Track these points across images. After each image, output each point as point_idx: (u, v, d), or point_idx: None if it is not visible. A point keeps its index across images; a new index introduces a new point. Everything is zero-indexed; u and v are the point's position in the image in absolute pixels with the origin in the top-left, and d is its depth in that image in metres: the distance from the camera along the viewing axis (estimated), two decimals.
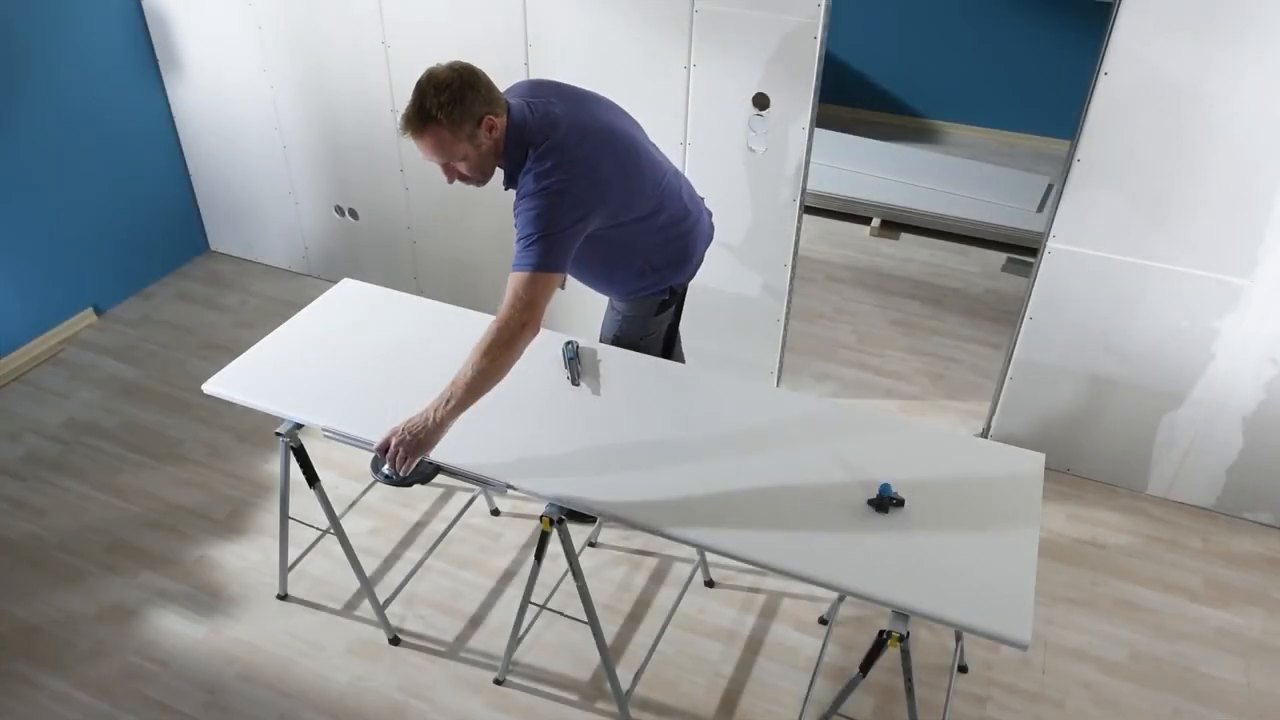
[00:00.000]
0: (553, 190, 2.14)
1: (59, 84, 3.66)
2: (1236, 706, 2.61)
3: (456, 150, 2.15)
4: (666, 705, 2.60)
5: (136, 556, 2.99)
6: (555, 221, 2.13)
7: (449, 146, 2.13)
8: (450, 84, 2.08)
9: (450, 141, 2.12)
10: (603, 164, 2.23)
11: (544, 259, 2.12)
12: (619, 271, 2.52)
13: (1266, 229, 2.70)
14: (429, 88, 2.08)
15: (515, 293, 2.11)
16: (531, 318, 2.10)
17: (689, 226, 2.56)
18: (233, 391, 2.40)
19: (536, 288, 2.11)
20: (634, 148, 2.35)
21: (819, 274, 4.46)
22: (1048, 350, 3.15)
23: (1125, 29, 2.59)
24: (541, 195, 2.14)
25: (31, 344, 3.80)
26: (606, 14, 3.09)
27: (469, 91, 2.10)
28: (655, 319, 2.64)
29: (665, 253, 2.53)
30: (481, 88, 2.13)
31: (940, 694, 2.60)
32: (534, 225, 2.13)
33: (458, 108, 2.09)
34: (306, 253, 4.29)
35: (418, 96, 2.09)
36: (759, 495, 2.10)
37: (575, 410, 2.34)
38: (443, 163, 2.19)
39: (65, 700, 2.59)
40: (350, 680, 2.65)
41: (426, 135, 2.11)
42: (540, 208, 2.14)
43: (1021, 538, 2.00)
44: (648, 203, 2.39)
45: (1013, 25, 5.24)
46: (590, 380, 2.44)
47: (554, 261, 2.13)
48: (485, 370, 2.08)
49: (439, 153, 2.15)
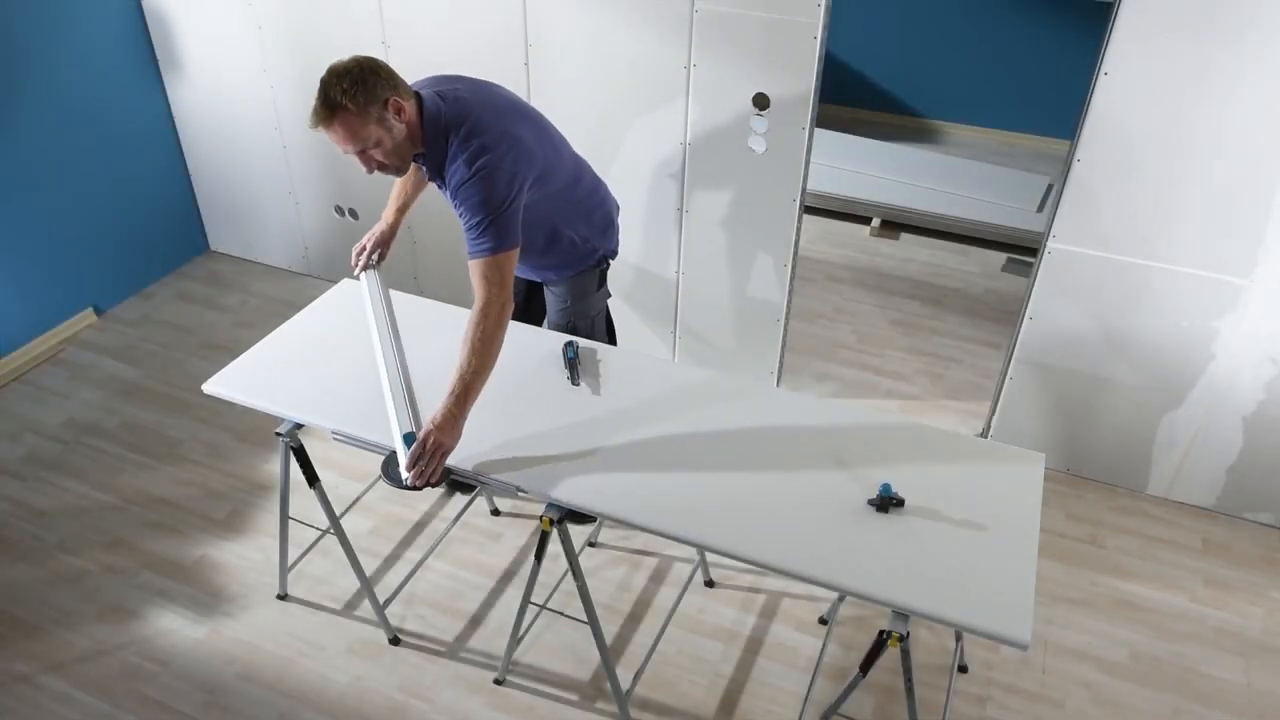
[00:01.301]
0: (486, 170, 2.20)
1: (59, 84, 3.66)
2: (1236, 706, 2.61)
3: (368, 135, 2.17)
4: (666, 705, 2.60)
5: (136, 556, 3.00)
6: (498, 200, 2.21)
7: (360, 132, 2.16)
8: (351, 70, 2.13)
9: (360, 126, 2.15)
10: (523, 134, 2.31)
11: (499, 239, 2.22)
12: (555, 245, 2.60)
13: (1266, 229, 2.70)
14: (331, 78, 2.13)
15: (485, 278, 2.21)
16: (507, 295, 2.23)
17: (604, 195, 2.71)
18: (233, 391, 2.40)
19: (502, 267, 2.23)
20: (544, 121, 2.48)
21: (819, 274, 4.46)
22: (1048, 350, 3.15)
23: (1125, 29, 2.59)
24: (477, 178, 2.20)
25: (31, 344, 3.80)
26: (606, 14, 3.09)
27: (370, 75, 2.14)
28: (597, 295, 2.77)
29: (591, 222, 2.65)
30: (383, 72, 2.18)
31: (940, 694, 2.60)
32: (480, 210, 2.21)
33: (361, 91, 2.12)
34: (306, 253, 4.29)
35: (322, 88, 2.13)
36: (759, 495, 2.10)
37: (575, 410, 2.34)
38: (357, 151, 2.21)
39: (65, 700, 2.59)
40: (350, 680, 2.65)
41: (336, 123, 2.14)
42: (481, 191, 2.20)
43: (1021, 538, 2.00)
44: (567, 172, 2.51)
45: (1013, 25, 5.24)
46: (590, 380, 2.44)
47: (508, 239, 2.23)
48: (485, 355, 2.19)
49: (351, 140, 2.18)
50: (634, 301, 3.64)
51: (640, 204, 3.40)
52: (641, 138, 3.26)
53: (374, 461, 3.20)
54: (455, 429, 2.16)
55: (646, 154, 3.29)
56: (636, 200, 3.40)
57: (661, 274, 3.52)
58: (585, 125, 3.30)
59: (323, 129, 2.16)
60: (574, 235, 2.60)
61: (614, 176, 3.37)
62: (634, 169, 3.32)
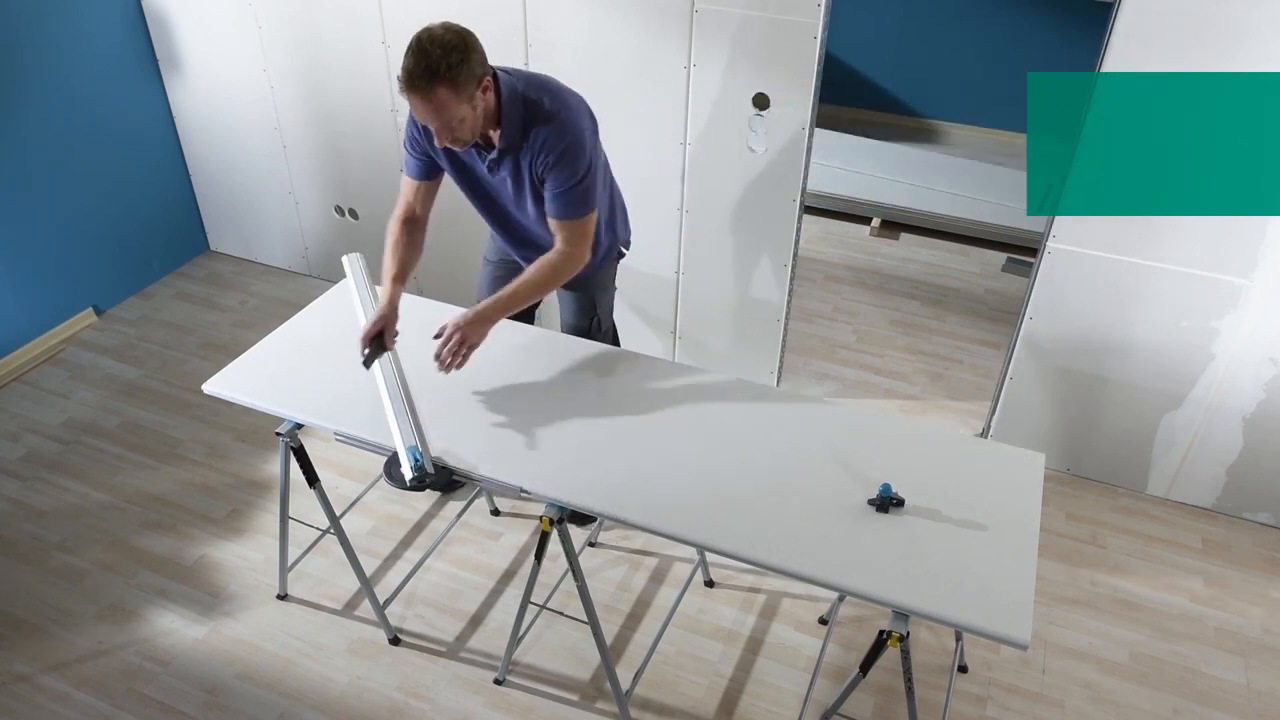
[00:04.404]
0: (576, 137, 2.29)
1: (59, 84, 3.66)
2: (1236, 706, 2.61)
3: (459, 111, 2.14)
4: (666, 705, 2.60)
5: (136, 556, 3.00)
6: (586, 163, 2.31)
7: (452, 107, 2.13)
8: (456, 45, 2.09)
9: (454, 103, 2.12)
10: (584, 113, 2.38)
11: (590, 200, 2.35)
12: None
13: (1267, 229, 2.70)
14: (433, 47, 2.07)
15: (578, 232, 2.36)
16: (588, 250, 2.40)
17: (618, 189, 2.76)
18: (233, 391, 2.40)
19: (589, 226, 2.38)
20: None
21: (819, 274, 4.46)
22: (1048, 350, 3.15)
23: (1125, 29, 2.59)
24: (571, 144, 2.28)
25: (31, 344, 3.80)
26: (606, 14, 3.09)
27: (472, 52, 2.12)
28: (612, 287, 2.85)
29: (614, 208, 2.70)
30: (479, 49, 2.16)
31: (940, 694, 2.60)
32: (576, 175, 2.30)
33: (464, 67, 2.10)
34: (306, 253, 4.29)
35: (422, 55, 2.06)
36: (759, 496, 2.10)
37: (575, 410, 2.34)
38: (440, 124, 2.17)
39: (65, 700, 2.59)
40: (350, 680, 2.65)
41: (435, 95, 2.09)
42: (576, 156, 2.29)
43: (1021, 538, 2.00)
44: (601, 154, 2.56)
45: (1013, 25, 5.24)
46: (590, 380, 2.44)
47: (594, 199, 2.37)
48: (541, 287, 2.37)
49: (441, 113, 2.13)
50: (634, 301, 3.64)
51: (640, 204, 3.39)
52: (641, 137, 3.26)
53: (374, 461, 3.21)
54: (483, 328, 2.31)
55: (646, 154, 3.29)
56: (637, 200, 3.39)
57: (661, 274, 3.52)
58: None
59: (413, 95, 2.10)
60: (605, 219, 2.61)
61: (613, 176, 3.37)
62: (634, 169, 3.32)
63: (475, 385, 2.40)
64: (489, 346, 2.37)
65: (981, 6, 5.25)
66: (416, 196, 2.50)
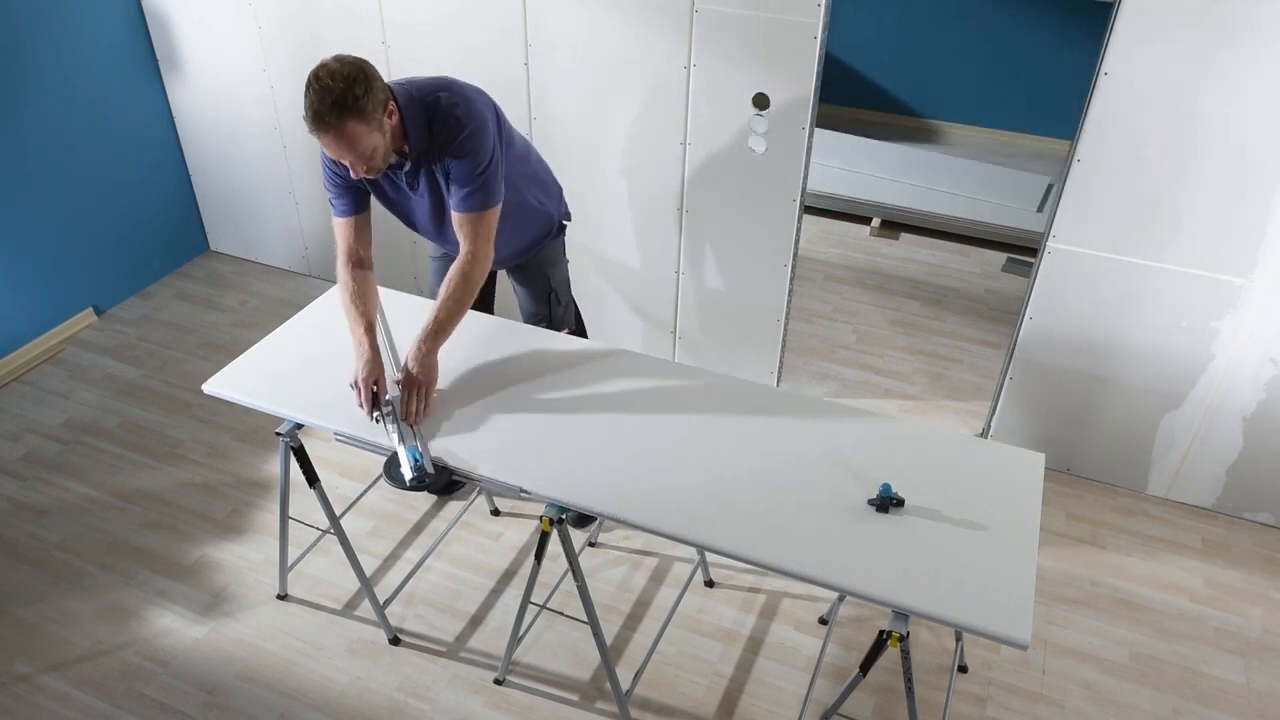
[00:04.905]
0: (475, 128, 2.29)
1: (59, 84, 3.66)
2: (1236, 706, 2.61)
3: (371, 141, 2.14)
4: (666, 705, 2.60)
5: (136, 556, 2.99)
6: (487, 154, 2.31)
7: (364, 138, 2.12)
8: (356, 76, 2.08)
9: (365, 133, 2.12)
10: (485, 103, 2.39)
11: (492, 193, 2.34)
12: (525, 214, 2.65)
13: (1267, 229, 2.70)
14: (335, 82, 2.05)
15: (479, 231, 2.34)
16: (492, 249, 2.38)
17: (547, 166, 2.78)
18: (233, 391, 2.40)
19: (491, 221, 2.36)
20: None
21: (819, 274, 4.46)
22: (1048, 350, 3.15)
23: (1125, 29, 2.59)
24: (470, 135, 2.27)
25: (31, 344, 3.80)
26: (606, 14, 3.09)
27: (373, 80, 2.12)
28: (564, 260, 2.88)
29: (547, 190, 2.74)
30: (378, 75, 2.16)
31: (940, 694, 2.60)
32: (476, 166, 2.29)
33: (368, 97, 2.09)
34: (306, 253, 4.29)
35: (324, 93, 2.05)
36: (759, 496, 2.10)
37: (575, 410, 2.34)
38: (354, 156, 2.15)
39: (65, 700, 2.59)
40: (350, 680, 2.65)
41: (345, 129, 2.08)
42: (475, 148, 2.29)
43: (1021, 538, 2.00)
44: (519, 141, 2.58)
45: (1013, 25, 5.25)
46: (590, 380, 2.43)
47: (496, 193, 2.36)
48: (464, 302, 2.34)
49: (355, 145, 2.12)
50: (634, 301, 3.64)
51: (640, 204, 3.40)
52: (641, 137, 3.26)
53: (374, 461, 3.21)
54: (431, 365, 2.29)
55: (646, 154, 3.29)
56: (637, 200, 3.40)
57: (661, 274, 3.52)
58: (585, 125, 3.31)
59: (324, 134, 2.09)
60: (536, 201, 2.66)
61: (614, 176, 3.38)
62: (634, 169, 3.32)
63: (475, 386, 2.40)
64: (489, 348, 2.37)
65: (981, 6, 5.25)
66: (354, 235, 2.46)
